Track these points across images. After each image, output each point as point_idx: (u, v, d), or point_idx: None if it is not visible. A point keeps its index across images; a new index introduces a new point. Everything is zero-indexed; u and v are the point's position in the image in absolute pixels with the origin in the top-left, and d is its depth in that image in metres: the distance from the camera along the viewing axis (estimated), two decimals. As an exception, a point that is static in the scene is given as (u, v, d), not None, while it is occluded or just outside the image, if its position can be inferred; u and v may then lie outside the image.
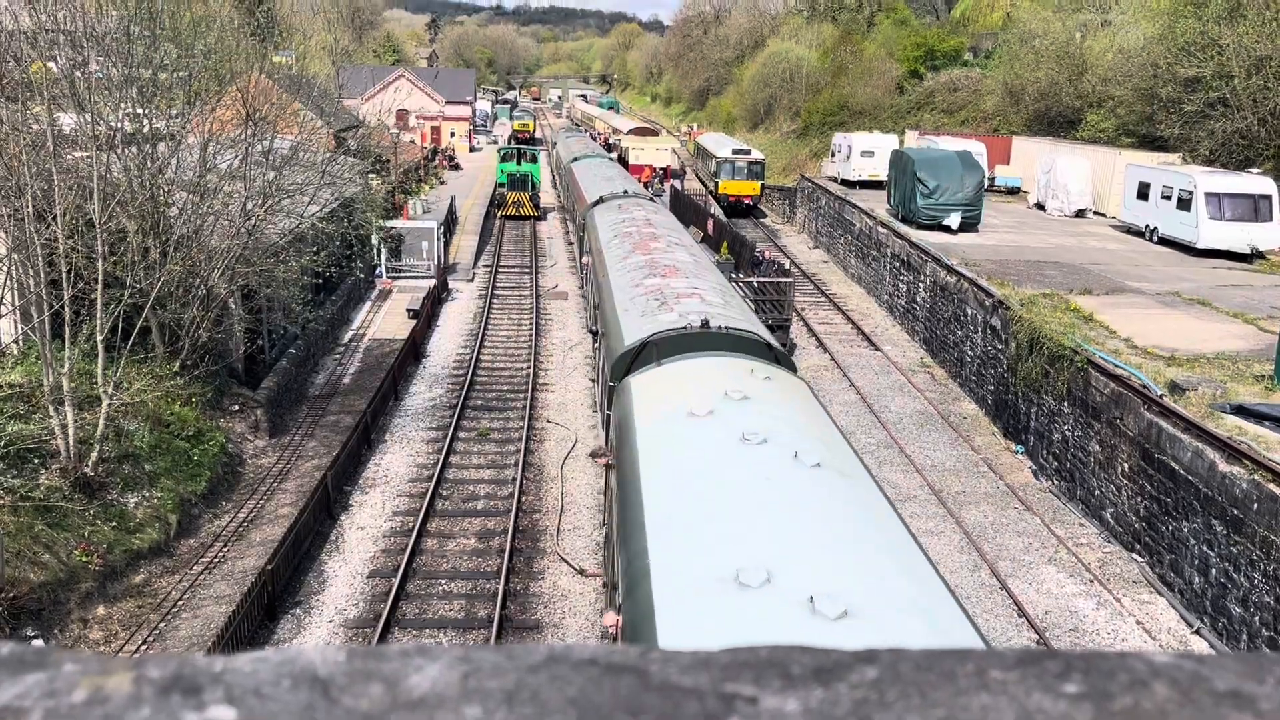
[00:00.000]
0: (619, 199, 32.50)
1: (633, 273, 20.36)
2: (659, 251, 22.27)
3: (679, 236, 26.09)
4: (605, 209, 30.88)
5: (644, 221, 26.87)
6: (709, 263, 23.78)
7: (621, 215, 28.36)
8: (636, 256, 21.78)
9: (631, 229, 25.52)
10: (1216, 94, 40.49)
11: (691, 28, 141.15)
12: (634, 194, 34.51)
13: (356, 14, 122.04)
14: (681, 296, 17.51)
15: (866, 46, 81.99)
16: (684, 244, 24.84)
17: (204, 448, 19.65)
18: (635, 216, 27.69)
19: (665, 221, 28.40)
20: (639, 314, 16.96)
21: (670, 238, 24.74)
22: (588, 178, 42.02)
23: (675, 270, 20.05)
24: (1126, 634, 16.04)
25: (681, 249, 23.53)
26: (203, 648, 13.71)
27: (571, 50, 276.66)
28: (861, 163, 49.92)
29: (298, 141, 26.84)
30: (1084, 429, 20.61)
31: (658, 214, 30.02)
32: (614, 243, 24.38)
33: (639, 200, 32.70)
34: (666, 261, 20.98)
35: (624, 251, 22.78)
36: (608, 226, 27.16)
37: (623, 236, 24.77)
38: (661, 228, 26.25)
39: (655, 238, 24.14)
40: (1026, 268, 29.74)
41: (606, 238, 25.63)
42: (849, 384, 27.94)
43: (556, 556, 17.75)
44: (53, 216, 16.74)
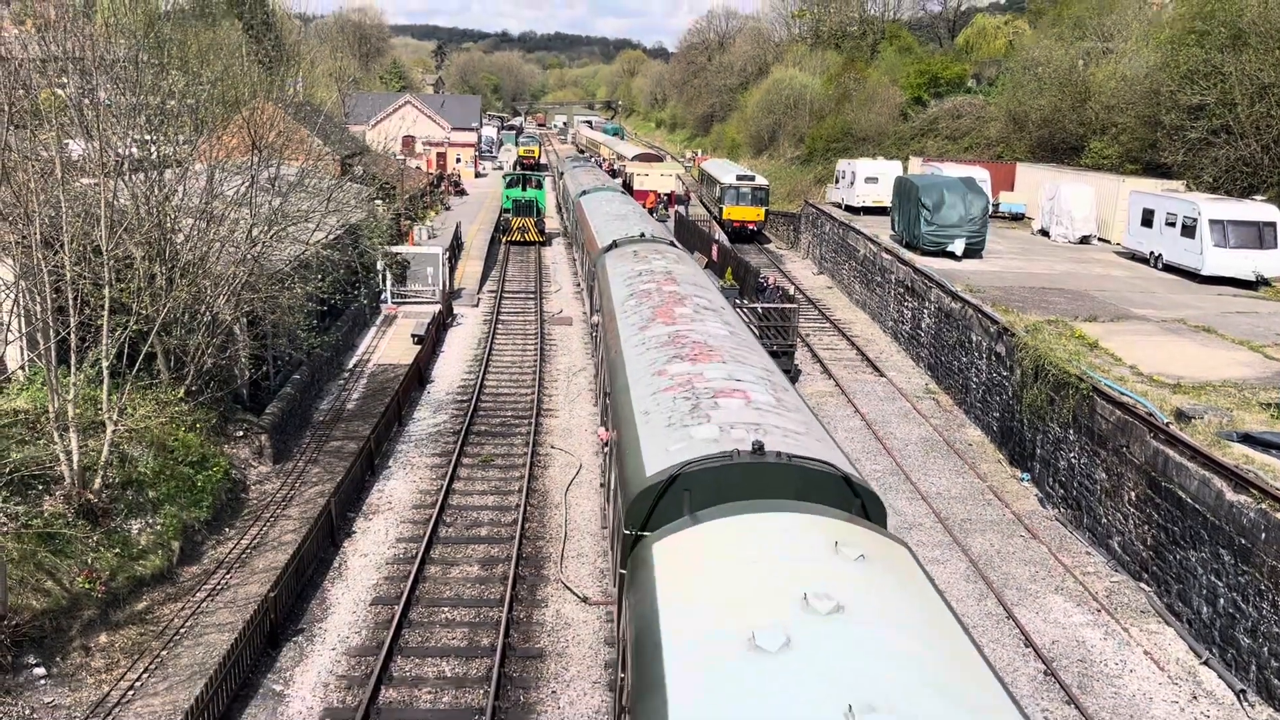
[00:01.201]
0: (635, 243, 28.38)
1: (654, 352, 16.47)
2: (686, 320, 18.41)
3: (708, 296, 21.78)
4: (619, 257, 26.69)
5: (665, 276, 23.01)
6: (749, 337, 19.22)
7: (638, 266, 24.43)
8: (658, 327, 18.00)
9: (650, 284, 21.79)
10: (1220, 121, 40.60)
11: (696, 55, 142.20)
12: (652, 237, 30.20)
13: (363, 41, 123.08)
14: (721, 395, 13.65)
15: (870, 73, 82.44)
16: (715, 307, 20.54)
17: (208, 474, 19.62)
18: (655, 269, 23.84)
19: (690, 275, 24.09)
20: (664, 423, 12.99)
21: (699, 298, 20.69)
22: (599, 216, 37.46)
23: (709, 350, 16.16)
24: (1134, 664, 15.90)
25: (714, 315, 19.33)
26: (204, 676, 13.63)
27: (577, 77, 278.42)
28: (865, 189, 50.09)
29: (304, 168, 26.98)
30: (1090, 457, 20.53)
31: (680, 264, 25.58)
32: (629, 305, 20.34)
33: (658, 246, 28.25)
34: (697, 336, 17.21)
35: (642, 319, 18.98)
36: (622, 281, 23.19)
37: (640, 296, 20.82)
38: (687, 284, 22.34)
39: (680, 299, 20.15)
40: (1031, 294, 29.74)
41: (620, 296, 21.63)
42: (854, 410, 27.89)
43: (560, 584, 17.67)
44: (60, 243, 16.81)
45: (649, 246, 27.47)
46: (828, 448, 12.55)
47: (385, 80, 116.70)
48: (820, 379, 31.06)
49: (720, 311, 19.93)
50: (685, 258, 26.99)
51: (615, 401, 15.34)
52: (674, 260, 25.37)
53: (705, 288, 22.53)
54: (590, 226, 36.05)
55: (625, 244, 28.19)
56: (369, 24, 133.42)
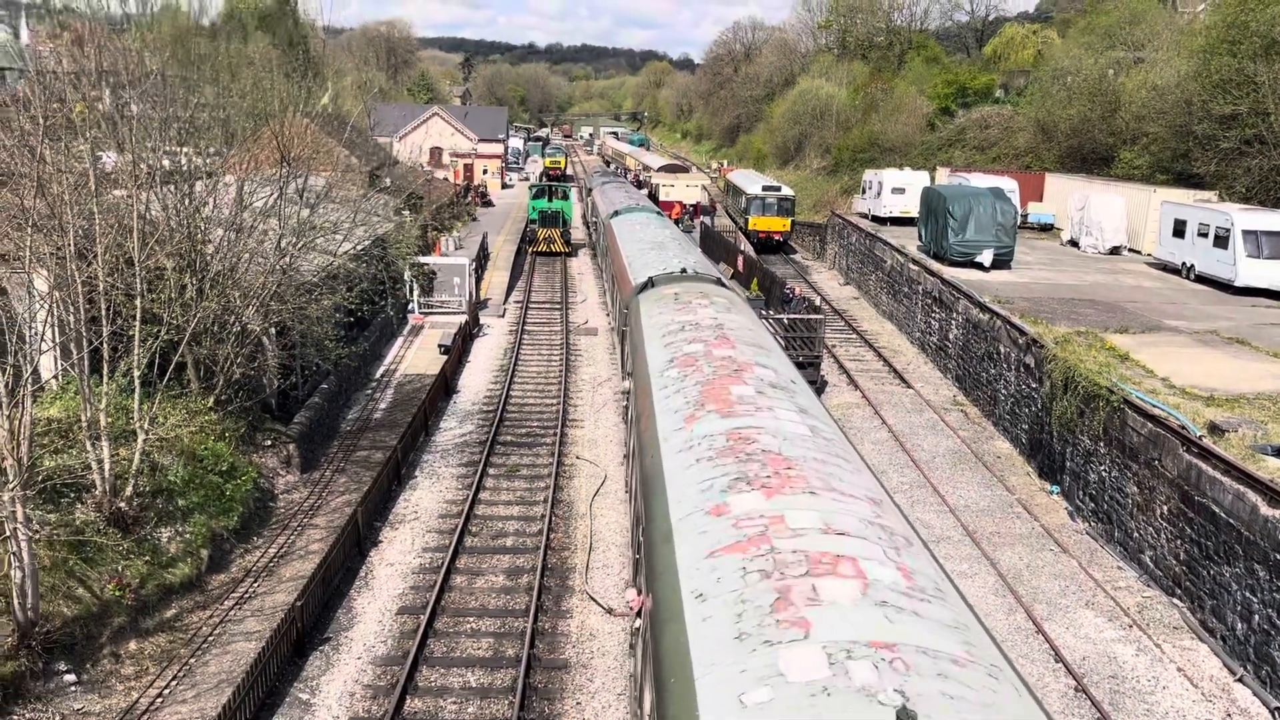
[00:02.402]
0: (675, 282, 22.74)
1: (706, 468, 10.74)
2: (748, 408, 12.56)
3: (773, 363, 15.51)
4: (656, 301, 20.93)
5: (715, 331, 17.06)
6: (837, 433, 12.73)
7: (680, 316, 18.77)
8: (710, 420, 12.27)
9: (696, 346, 16.06)
10: (1253, 131, 40.13)
11: (722, 66, 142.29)
12: (695, 273, 23.97)
13: (391, 54, 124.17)
14: (818, 571, 8.22)
15: (897, 84, 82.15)
16: (784, 381, 14.35)
17: (236, 483, 19.77)
18: (701, 320, 18.08)
19: (746, 329, 17.93)
20: (730, 625, 7.75)
21: (761, 366, 14.86)
22: (633, 243, 31.82)
23: (787, 470, 10.31)
24: (1167, 681, 15.67)
25: (784, 396, 13.27)
26: (232, 684, 13.71)
27: (603, 88, 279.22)
28: (892, 199, 49.86)
29: (332, 179, 27.21)
30: (1121, 470, 20.30)
31: (732, 311, 19.43)
32: (670, 378, 14.75)
33: (704, 286, 22.13)
34: (767, 440, 11.20)
35: (687, 402, 13.28)
36: (659, 337, 17.60)
37: (683, 364, 15.13)
38: (744, 343, 16.28)
39: (737, 369, 14.42)
40: (1060, 305, 29.48)
41: (658, 362, 16.01)
42: (880, 422, 27.73)
43: (585, 595, 17.65)
44: (93, 254, 17.02)
45: (693, 286, 21.96)
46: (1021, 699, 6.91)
47: (413, 92, 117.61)
48: (846, 390, 30.92)
49: (791, 388, 14.06)
50: (736, 301, 21.30)
51: (652, 555, 9.99)
52: (724, 307, 19.60)
53: (766, 349, 16.70)
54: (622, 256, 30.66)
55: (664, 282, 22.88)
56: (397, 37, 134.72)
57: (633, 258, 28.83)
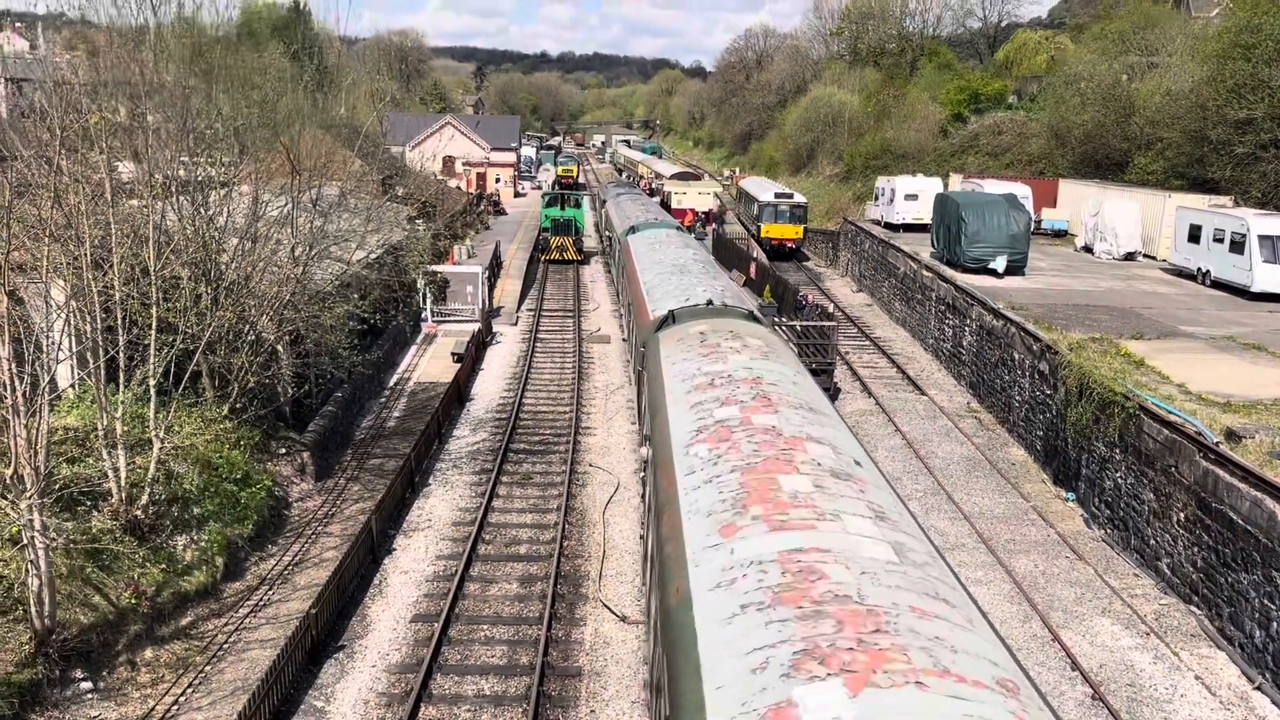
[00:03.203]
0: (701, 316, 19.55)
1: (754, 620, 7.80)
2: (806, 505, 9.67)
3: (829, 431, 12.44)
4: (679, 341, 17.72)
5: (752, 386, 13.95)
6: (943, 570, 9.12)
7: (708, 365, 15.43)
8: (753, 529, 9.27)
9: (730, 410, 12.86)
10: (1268, 135, 39.94)
11: (734, 73, 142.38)
12: (724, 304, 20.77)
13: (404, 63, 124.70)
14: None
15: (909, 90, 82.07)
16: (844, 466, 11.04)
17: (251, 491, 19.84)
18: (734, 370, 14.86)
19: (789, 381, 14.73)
20: None
21: (814, 437, 11.81)
22: (652, 266, 28.27)
23: (875, 628, 7.46)
24: (1185, 689, 15.55)
25: (848, 488, 10.29)
26: (247, 692, 13.74)
27: (615, 96, 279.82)
28: (905, 206, 49.80)
29: (346, 188, 27.33)
30: (1137, 477, 20.18)
31: (772, 357, 16.06)
32: (697, 454, 11.72)
33: (734, 321, 18.98)
34: (840, 576, 8.19)
35: (722, 497, 10.19)
36: (684, 393, 14.44)
37: (715, 436, 12.01)
38: (789, 404, 13.15)
39: (786, 446, 11.33)
40: (1075, 311, 29.36)
41: (682, 430, 12.87)
42: (894, 429, 27.65)
43: (599, 603, 17.64)
44: (109, 264, 17.13)
45: (722, 323, 18.60)
46: None
47: (426, 101, 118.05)
48: (860, 397, 30.84)
49: (857, 475, 10.74)
50: (773, 342, 17.73)
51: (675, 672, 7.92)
52: (760, 351, 16.20)
53: (817, 411, 13.28)
54: (639, 282, 26.76)
55: (687, 317, 19.67)
56: (409, 46, 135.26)
57: (651, 285, 25.54)
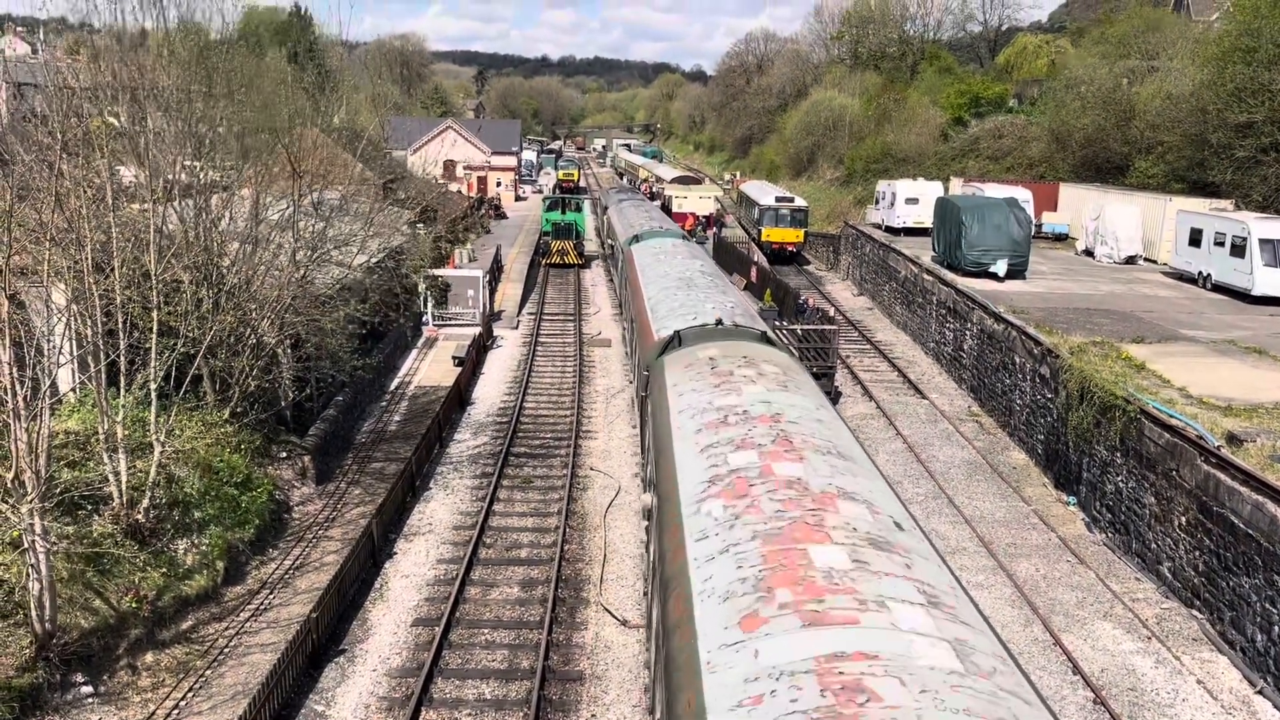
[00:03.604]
0: (710, 337, 17.44)
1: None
2: (844, 588, 7.90)
3: (863, 481, 10.61)
4: (686, 366, 15.69)
5: (770, 426, 11.91)
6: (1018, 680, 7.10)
7: (719, 398, 13.37)
8: (784, 623, 7.47)
9: (748, 456, 10.96)
10: (1269, 139, 39.93)
11: (734, 77, 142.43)
12: (736, 324, 19.04)
13: (405, 67, 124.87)
14: None
15: (910, 94, 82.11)
16: (884, 525, 9.42)
17: (252, 495, 19.83)
18: (750, 406, 12.78)
19: (810, 415, 12.68)
20: None
21: (848, 492, 9.99)
22: (656, 280, 25.94)
23: None
24: (1187, 693, 15.53)
25: (895, 567, 8.43)
26: (248, 696, 13.73)
27: (615, 100, 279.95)
28: (906, 210, 49.81)
29: (346, 193, 27.35)
30: (1138, 480, 20.16)
31: (790, 388, 13.99)
32: (712, 511, 9.93)
33: (747, 345, 16.84)
34: (894, 697, 6.34)
35: (742, 575, 8.46)
36: (692, 431, 12.44)
37: (731, 493, 10.14)
38: (817, 448, 11.22)
39: (815, 507, 9.53)
40: (1075, 315, 29.35)
41: (693, 479, 10.96)
42: (895, 432, 27.63)
43: (600, 607, 17.62)
44: (110, 268, 17.14)
45: (733, 346, 16.47)
46: None
47: (427, 105, 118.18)
48: (861, 401, 30.84)
49: (900, 542, 9.00)
50: (791, 368, 15.66)
51: None
52: (777, 380, 14.23)
53: (848, 456, 11.29)
54: (643, 297, 24.53)
55: (695, 339, 17.50)
56: (410, 50, 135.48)
57: (656, 300, 23.46)
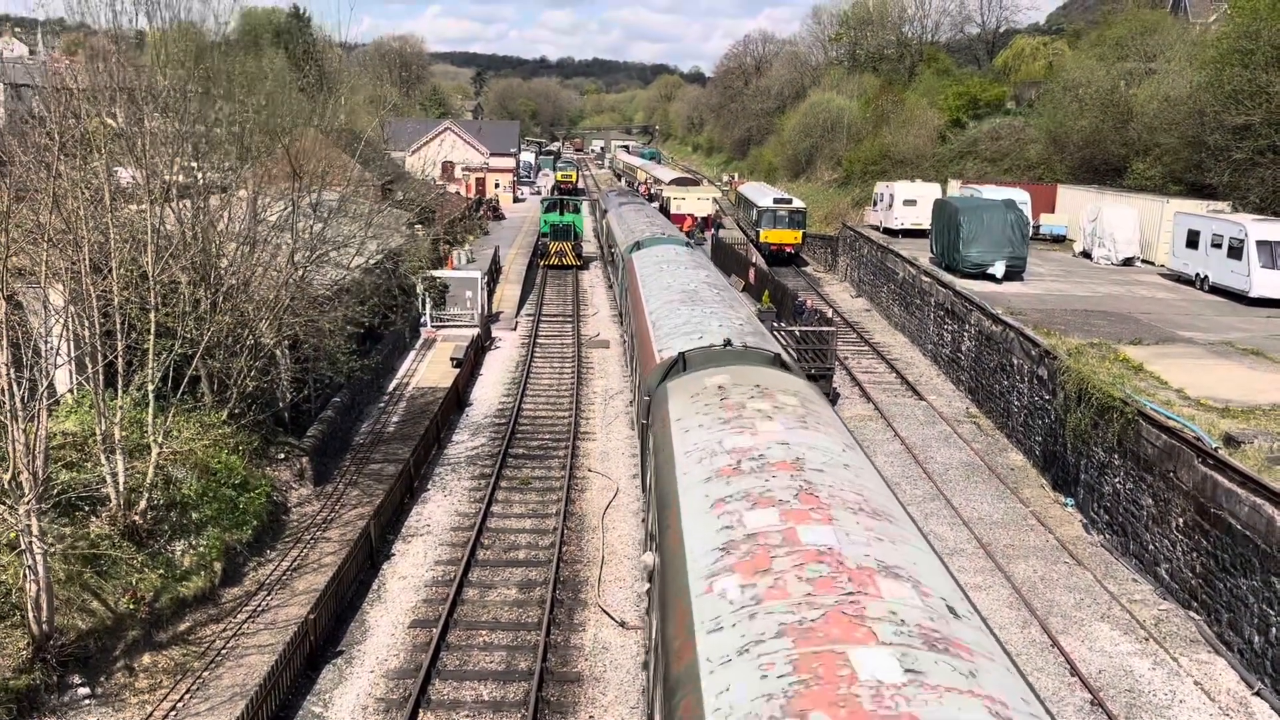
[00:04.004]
0: (718, 362, 15.36)
1: None
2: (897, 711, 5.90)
3: (908, 551, 8.74)
4: (692, 396, 13.67)
5: (793, 473, 10.17)
6: None
7: (731, 437, 11.45)
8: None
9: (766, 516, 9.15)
10: (1266, 141, 39.98)
11: (732, 79, 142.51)
12: (746, 346, 16.77)
13: (404, 68, 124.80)
14: None
15: (908, 96, 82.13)
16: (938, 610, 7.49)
17: (250, 496, 19.81)
18: (767, 450, 10.90)
19: (836, 460, 10.93)
20: None
21: (890, 566, 8.15)
22: (658, 293, 23.82)
23: None
24: (1184, 694, 15.54)
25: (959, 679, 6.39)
26: (245, 697, 13.72)
27: (614, 102, 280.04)
28: (904, 211, 49.85)
29: (345, 194, 27.34)
30: (1136, 482, 20.18)
31: (810, 422, 12.16)
32: (727, 589, 8.06)
33: (760, 371, 14.77)
34: None
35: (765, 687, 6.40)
36: (700, 480, 10.58)
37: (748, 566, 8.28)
38: (848, 504, 9.49)
39: (852, 590, 7.59)
40: (1073, 317, 29.37)
41: (702, 542, 9.15)
42: (893, 434, 27.64)
43: (598, 608, 17.62)
44: (108, 269, 17.13)
45: (744, 372, 14.44)
46: None
47: (425, 107, 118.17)
48: (859, 403, 30.85)
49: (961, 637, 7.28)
50: (812, 400, 13.62)
51: None
52: (796, 416, 12.23)
53: (886, 516, 9.54)
54: (644, 312, 22.36)
55: (702, 362, 15.53)
56: (409, 52, 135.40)
57: (658, 316, 21.21)
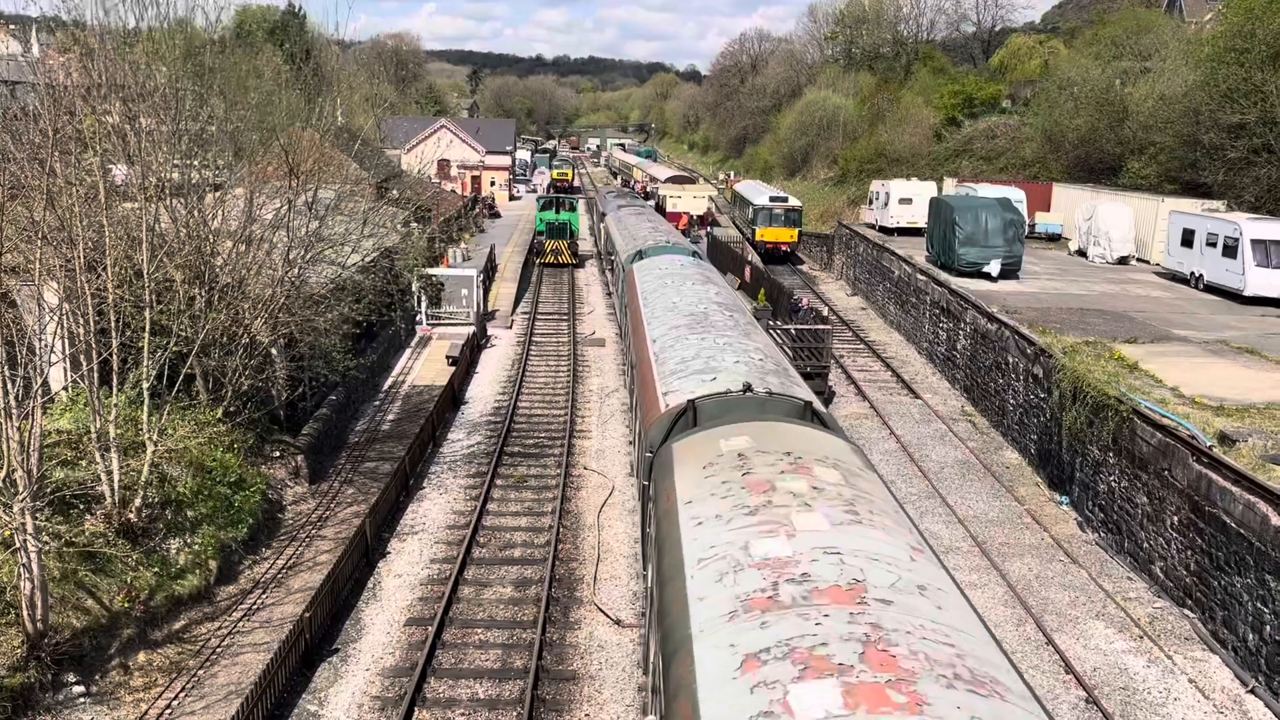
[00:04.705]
0: (734, 413, 13.15)
1: None
2: None
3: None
4: (706, 461, 11.51)
5: (839, 579, 8.25)
6: None
7: (759, 534, 9.30)
8: None
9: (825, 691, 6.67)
10: (1260, 140, 40.08)
11: (728, 77, 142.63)
12: (769, 391, 14.44)
13: (400, 66, 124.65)
14: None
15: (904, 95, 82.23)
16: None
17: (245, 494, 19.78)
18: (807, 559, 8.71)
19: (904, 578, 8.45)
20: None
21: None
22: (663, 318, 20.78)
23: None
24: (1179, 692, 15.57)
25: None
26: (240, 696, 13.70)
27: (610, 100, 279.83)
28: (900, 210, 49.91)
29: (341, 192, 27.29)
30: (1131, 480, 20.21)
31: (863, 514, 9.80)
32: None
33: (788, 426, 12.68)
34: None
35: None
36: (722, 595, 8.41)
37: None
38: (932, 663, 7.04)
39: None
40: (1069, 315, 29.42)
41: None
42: (889, 432, 27.67)
43: (594, 606, 17.62)
44: (103, 267, 17.09)
45: (770, 429, 12.18)
46: None
47: (421, 105, 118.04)
48: (855, 401, 30.87)
49: None
50: (857, 468, 11.64)
51: None
52: (842, 499, 10.20)
53: (991, 677, 7.21)
54: (646, 340, 19.22)
55: (715, 414, 13.14)
56: (405, 50, 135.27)
57: (663, 347, 18.08)
